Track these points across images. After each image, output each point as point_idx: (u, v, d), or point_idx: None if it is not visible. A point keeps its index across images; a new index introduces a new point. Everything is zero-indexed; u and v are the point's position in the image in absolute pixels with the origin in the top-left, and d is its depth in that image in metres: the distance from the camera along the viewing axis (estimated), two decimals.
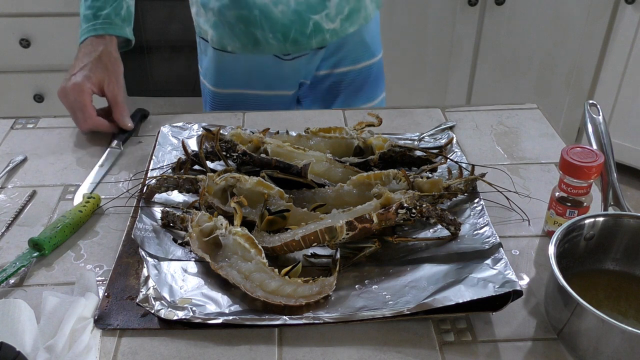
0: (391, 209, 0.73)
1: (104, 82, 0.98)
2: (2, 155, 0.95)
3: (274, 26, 1.12)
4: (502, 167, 0.91)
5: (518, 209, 0.82)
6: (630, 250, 0.70)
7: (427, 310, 0.64)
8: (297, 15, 1.11)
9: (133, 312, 0.67)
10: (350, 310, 0.66)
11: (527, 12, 2.16)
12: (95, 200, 0.83)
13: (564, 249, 0.68)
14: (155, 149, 0.93)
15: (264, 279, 0.68)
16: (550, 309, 0.66)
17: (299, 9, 1.10)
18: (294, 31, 1.12)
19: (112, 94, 0.99)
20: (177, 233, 0.78)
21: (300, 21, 1.12)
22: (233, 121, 1.05)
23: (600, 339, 0.59)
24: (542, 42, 2.22)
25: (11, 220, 0.82)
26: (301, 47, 1.15)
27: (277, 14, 1.10)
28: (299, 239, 0.72)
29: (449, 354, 0.63)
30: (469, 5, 2.14)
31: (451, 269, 0.70)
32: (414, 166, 0.90)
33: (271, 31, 1.12)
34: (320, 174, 0.85)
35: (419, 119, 1.04)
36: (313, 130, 0.92)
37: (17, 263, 0.73)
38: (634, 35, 2.14)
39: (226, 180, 0.79)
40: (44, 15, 2.04)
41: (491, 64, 2.27)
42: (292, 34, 1.13)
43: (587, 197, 0.74)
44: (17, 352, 0.58)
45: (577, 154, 0.72)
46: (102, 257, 0.76)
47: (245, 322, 0.64)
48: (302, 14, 1.11)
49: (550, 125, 1.03)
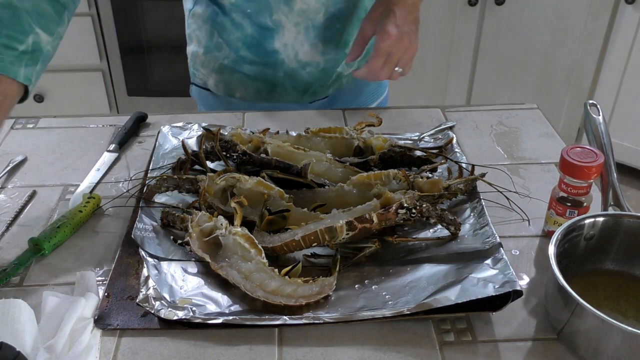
0: (391, 209, 0.73)
1: None
2: (2, 155, 0.95)
3: (297, 84, 1.10)
4: (502, 167, 0.91)
5: (518, 209, 0.82)
6: (630, 251, 0.70)
7: (427, 310, 0.64)
8: (324, 72, 1.10)
9: (133, 312, 0.67)
10: (350, 310, 0.66)
11: (527, 12, 2.16)
12: (95, 201, 0.83)
13: (564, 249, 0.68)
14: (155, 149, 0.93)
15: (264, 279, 0.68)
16: (550, 309, 0.66)
17: (327, 67, 1.09)
18: (316, 85, 1.11)
19: None
20: (177, 233, 0.78)
21: (325, 76, 1.11)
22: (233, 121, 1.05)
23: (600, 339, 0.59)
24: (542, 42, 2.22)
25: (11, 220, 0.82)
26: (318, 96, 1.14)
27: (303, 75, 1.09)
28: (299, 239, 0.72)
29: (449, 354, 0.63)
30: (469, 5, 2.14)
31: (451, 269, 0.70)
32: (414, 166, 0.90)
33: (293, 87, 1.11)
34: (320, 174, 0.85)
35: (419, 119, 1.04)
36: (313, 130, 0.92)
37: (17, 263, 0.73)
38: (634, 35, 2.14)
39: (226, 180, 0.79)
40: None
41: (491, 64, 2.28)
42: (312, 87, 1.11)
43: (587, 197, 0.74)
44: (17, 352, 0.58)
45: (577, 154, 0.72)
46: (102, 257, 0.76)
47: (245, 322, 0.64)
48: (329, 70, 1.10)
49: (550, 125, 1.03)
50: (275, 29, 1.03)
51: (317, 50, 1.06)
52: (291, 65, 1.07)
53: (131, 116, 1.04)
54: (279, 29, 1.03)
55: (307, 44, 1.05)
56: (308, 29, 1.04)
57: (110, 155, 0.95)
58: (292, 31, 1.03)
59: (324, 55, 1.07)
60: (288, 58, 1.06)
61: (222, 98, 1.15)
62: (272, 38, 1.04)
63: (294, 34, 1.04)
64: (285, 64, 1.07)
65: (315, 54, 1.07)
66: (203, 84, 1.16)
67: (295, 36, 1.04)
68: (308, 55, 1.06)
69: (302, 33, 1.04)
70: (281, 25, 1.02)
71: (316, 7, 1.01)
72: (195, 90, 1.20)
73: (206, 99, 1.18)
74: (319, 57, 1.07)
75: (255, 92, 1.12)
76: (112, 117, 1.06)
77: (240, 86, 1.12)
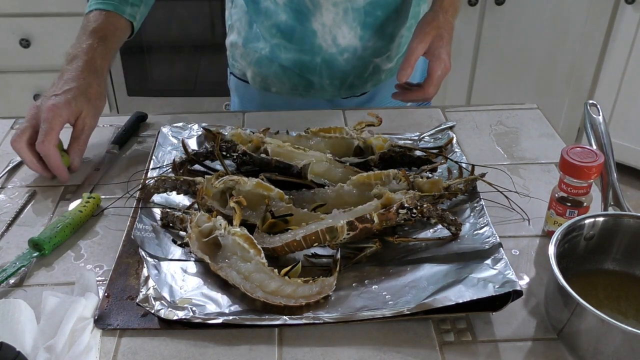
0: (392, 209, 0.73)
1: (81, 114, 0.89)
2: (2, 155, 0.95)
3: (334, 73, 1.09)
4: (502, 167, 0.91)
5: (518, 209, 0.82)
6: (631, 250, 0.70)
7: (427, 310, 0.64)
8: (361, 60, 1.09)
9: (133, 312, 0.67)
10: (350, 310, 0.66)
11: (527, 12, 2.16)
12: (95, 201, 0.83)
13: (564, 249, 0.68)
14: (155, 149, 0.93)
15: (264, 279, 0.68)
16: (550, 309, 0.66)
17: (364, 54, 1.08)
18: (352, 76, 1.10)
19: (83, 127, 0.90)
20: (176, 233, 0.78)
21: (362, 66, 1.10)
22: (233, 121, 1.05)
23: (600, 339, 0.59)
24: (542, 42, 2.22)
25: (11, 220, 0.82)
26: (355, 91, 1.13)
27: (341, 62, 1.08)
28: (299, 239, 0.72)
29: (449, 354, 0.63)
30: (469, 5, 2.14)
31: (451, 269, 0.70)
32: (414, 166, 0.90)
33: (329, 77, 1.09)
34: (320, 174, 0.85)
35: (419, 119, 1.04)
36: (313, 130, 0.92)
37: (17, 263, 0.73)
38: (634, 35, 2.14)
39: (225, 183, 0.79)
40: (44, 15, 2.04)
41: (491, 64, 2.28)
42: (349, 79, 1.10)
43: (587, 197, 0.74)
44: (17, 352, 0.58)
45: (577, 154, 0.72)
46: (102, 257, 0.76)
47: (245, 322, 0.64)
48: (366, 59, 1.09)
49: (550, 125, 1.03)
50: (313, 10, 1.03)
51: (355, 34, 1.06)
52: (329, 50, 1.07)
53: (131, 116, 1.04)
54: (316, 9, 1.03)
55: (346, 26, 1.05)
56: (347, 11, 1.03)
57: (110, 155, 0.95)
58: (330, 11, 1.03)
59: (362, 41, 1.07)
60: (326, 42, 1.06)
61: (258, 92, 1.15)
62: (308, 19, 1.04)
63: (332, 15, 1.03)
64: (323, 48, 1.06)
65: (354, 39, 1.06)
66: (242, 75, 1.17)
67: (334, 17, 1.04)
68: (346, 39, 1.06)
69: (340, 15, 1.04)
70: (319, 4, 1.02)
71: None
72: (233, 81, 1.20)
73: (243, 91, 1.19)
74: (357, 42, 1.07)
75: (291, 87, 1.12)
76: (112, 117, 1.06)
77: (277, 80, 1.12)
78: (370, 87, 1.14)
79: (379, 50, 1.09)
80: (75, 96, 0.88)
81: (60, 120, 0.87)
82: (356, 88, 1.13)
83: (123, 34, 1.00)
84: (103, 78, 0.95)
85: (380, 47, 1.09)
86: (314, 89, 1.12)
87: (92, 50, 0.93)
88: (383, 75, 1.14)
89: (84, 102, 0.89)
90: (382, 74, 1.13)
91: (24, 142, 0.86)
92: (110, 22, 0.97)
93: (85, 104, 0.90)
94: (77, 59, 0.92)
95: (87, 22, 0.97)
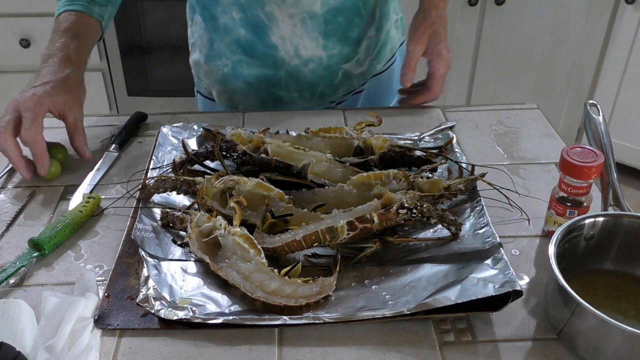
0: (392, 209, 0.73)
1: (65, 105, 0.90)
2: (2, 155, 0.95)
3: (301, 85, 1.07)
4: (502, 167, 0.91)
5: (518, 209, 0.82)
6: (630, 251, 0.70)
7: (427, 310, 0.64)
8: (328, 70, 1.06)
9: (133, 312, 0.67)
10: (350, 310, 0.66)
11: (527, 12, 2.16)
12: (95, 201, 0.83)
13: (564, 249, 0.68)
14: (155, 149, 0.93)
15: (264, 279, 0.68)
16: (550, 309, 0.66)
17: (331, 63, 1.05)
18: (322, 85, 1.07)
19: (73, 118, 0.91)
20: (176, 233, 0.78)
21: (330, 75, 1.07)
22: (233, 121, 1.05)
23: (600, 339, 0.59)
24: (542, 42, 2.22)
25: (11, 220, 0.82)
26: (327, 100, 1.10)
27: (307, 73, 1.05)
28: (299, 239, 0.72)
29: (449, 354, 0.63)
30: (469, 5, 2.14)
31: (451, 269, 0.70)
32: (414, 166, 0.90)
33: (297, 90, 1.07)
34: (320, 174, 0.85)
35: (419, 119, 1.04)
36: (313, 130, 0.92)
37: (17, 263, 0.73)
38: (634, 35, 2.14)
39: (225, 183, 0.79)
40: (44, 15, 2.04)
41: (491, 64, 2.28)
42: (319, 89, 1.07)
43: (587, 197, 0.74)
44: (17, 352, 0.58)
45: (577, 154, 0.72)
46: (102, 257, 0.76)
47: (245, 322, 0.64)
48: (333, 66, 1.06)
49: (550, 125, 1.03)
50: (269, 23, 1.01)
51: (318, 44, 1.03)
52: (292, 62, 1.04)
53: (131, 116, 1.04)
54: (272, 23, 1.01)
55: (306, 37, 1.02)
56: (305, 21, 1.01)
57: (110, 155, 0.95)
58: (287, 23, 1.01)
59: (326, 50, 1.04)
60: (288, 54, 1.04)
61: (226, 109, 1.13)
62: (266, 34, 1.02)
63: (290, 27, 1.01)
64: (286, 61, 1.04)
65: (317, 48, 1.04)
66: (208, 93, 1.15)
67: (292, 29, 1.01)
68: (309, 49, 1.03)
69: (298, 26, 1.01)
70: (274, 17, 1.00)
71: None
72: (201, 100, 1.19)
73: (211, 109, 1.17)
74: (320, 51, 1.04)
75: (259, 102, 1.10)
76: (112, 117, 1.06)
77: (243, 97, 1.10)
78: (342, 92, 1.11)
79: (346, 56, 1.06)
80: (54, 87, 0.89)
81: (42, 108, 0.87)
82: (327, 97, 1.10)
83: (94, 32, 1.00)
84: (81, 71, 0.96)
85: (347, 53, 1.06)
86: (283, 102, 1.10)
87: (66, 47, 0.94)
88: (355, 81, 1.11)
89: (63, 92, 0.90)
90: (353, 79, 1.10)
91: (9, 133, 0.85)
92: (81, 21, 0.98)
93: (66, 94, 0.90)
94: (53, 57, 0.93)
95: (58, 24, 0.98)
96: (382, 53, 1.13)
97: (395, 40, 1.16)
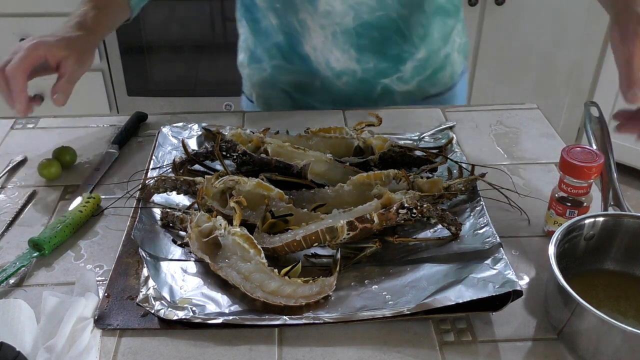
0: (392, 209, 0.73)
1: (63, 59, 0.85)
2: (2, 155, 0.95)
3: (336, 97, 1.05)
4: (502, 167, 0.91)
5: (518, 209, 0.82)
6: (631, 251, 0.70)
7: (427, 310, 0.64)
8: (364, 83, 1.03)
9: (133, 312, 0.67)
10: (350, 310, 0.66)
11: (527, 12, 2.16)
12: (95, 201, 0.83)
13: (564, 249, 0.68)
14: (155, 149, 0.93)
15: (264, 279, 0.68)
16: (550, 309, 0.66)
17: (366, 77, 1.03)
18: (358, 99, 1.05)
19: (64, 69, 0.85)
20: (176, 233, 0.78)
21: (366, 88, 1.04)
22: (233, 121, 1.05)
23: (601, 339, 0.59)
24: (542, 42, 2.22)
25: (11, 220, 0.82)
26: None
27: (340, 86, 1.03)
28: (300, 239, 0.72)
29: (449, 354, 0.63)
30: (469, 5, 2.14)
31: (451, 269, 0.70)
32: (414, 166, 0.90)
33: (332, 102, 1.05)
34: (320, 174, 0.85)
35: (419, 119, 1.04)
36: (313, 130, 0.92)
37: (17, 263, 0.73)
38: None
39: (225, 183, 0.79)
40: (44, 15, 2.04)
41: (491, 64, 2.27)
42: (355, 101, 1.05)
43: (587, 197, 0.74)
44: (17, 352, 0.58)
45: (577, 154, 0.72)
46: (102, 257, 0.76)
47: (245, 322, 0.64)
48: (370, 80, 1.03)
49: (550, 125, 1.03)
50: (302, 32, 1.00)
51: (350, 57, 1.01)
52: (325, 73, 1.03)
53: (131, 116, 1.04)
54: (305, 31, 0.99)
55: (337, 50, 1.00)
56: (336, 34, 0.99)
57: (110, 155, 0.95)
58: (319, 34, 0.99)
59: (360, 64, 1.02)
60: (320, 65, 1.02)
61: None
62: (300, 42, 1.01)
63: (322, 38, 0.99)
64: (320, 72, 1.03)
65: (348, 62, 1.01)
66: (250, 95, 1.16)
67: (324, 40, 0.99)
68: (340, 62, 1.01)
69: (329, 38, 0.99)
70: (307, 26, 0.99)
71: (342, 10, 0.96)
72: (245, 101, 1.19)
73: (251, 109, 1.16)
74: (353, 64, 1.02)
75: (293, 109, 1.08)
76: (112, 117, 1.06)
77: (279, 103, 1.09)
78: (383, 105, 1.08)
79: (383, 71, 1.03)
80: (57, 40, 0.85)
81: (37, 52, 0.83)
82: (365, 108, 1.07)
83: (120, 9, 0.96)
84: (96, 37, 0.92)
85: (384, 69, 1.03)
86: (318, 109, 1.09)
87: (85, 15, 0.91)
88: (399, 98, 1.08)
89: (65, 48, 0.85)
90: (396, 95, 1.07)
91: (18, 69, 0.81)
92: None
93: (68, 50, 0.85)
94: (69, 21, 0.90)
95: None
96: (438, 76, 1.09)
97: (457, 65, 1.12)
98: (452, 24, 1.07)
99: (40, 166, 0.89)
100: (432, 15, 1.02)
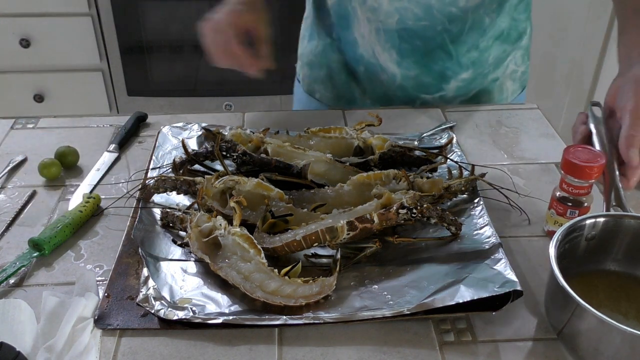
0: (392, 209, 0.73)
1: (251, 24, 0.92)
2: (2, 155, 0.95)
3: (375, 91, 1.05)
4: (502, 167, 0.91)
5: (518, 209, 0.82)
6: (631, 251, 0.70)
7: (427, 310, 0.64)
8: (402, 90, 1.03)
9: (133, 312, 0.67)
10: (350, 310, 0.66)
11: None
12: (95, 200, 0.83)
13: (565, 249, 0.67)
14: (155, 149, 0.93)
15: (264, 279, 0.68)
16: (550, 309, 0.66)
17: (405, 85, 1.02)
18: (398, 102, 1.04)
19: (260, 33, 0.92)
20: (176, 233, 0.78)
21: (405, 97, 1.03)
22: (233, 121, 1.05)
23: (601, 340, 0.59)
24: (542, 42, 2.21)
25: (11, 220, 0.82)
26: None
27: (381, 80, 1.03)
28: (300, 239, 0.72)
29: (449, 354, 0.63)
30: None
31: (451, 269, 0.70)
32: (414, 166, 0.90)
33: (371, 97, 1.05)
34: (320, 174, 0.85)
35: (419, 119, 1.04)
36: (313, 130, 0.92)
37: (17, 263, 0.73)
38: None
39: (225, 183, 0.79)
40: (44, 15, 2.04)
41: None
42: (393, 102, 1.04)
43: (588, 197, 0.74)
44: (17, 352, 0.58)
45: (579, 154, 0.72)
46: (102, 257, 0.76)
47: (245, 322, 0.64)
48: (409, 90, 1.03)
49: (550, 125, 1.03)
50: (353, 18, 1.01)
51: (391, 58, 1.01)
52: (371, 60, 1.03)
53: (131, 116, 1.04)
54: (355, 18, 1.01)
55: (379, 46, 1.01)
56: (379, 31, 0.99)
57: (110, 155, 0.95)
58: (365, 25, 1.00)
59: (401, 69, 1.01)
60: (366, 52, 1.03)
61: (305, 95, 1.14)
62: (350, 27, 1.02)
63: (368, 29, 1.00)
64: (364, 57, 1.04)
65: (389, 62, 1.01)
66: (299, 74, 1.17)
67: (369, 32, 1.01)
68: (381, 57, 1.01)
69: (373, 32, 1.00)
70: (357, 14, 1.00)
71: (388, 10, 0.96)
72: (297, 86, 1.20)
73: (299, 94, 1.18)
74: (394, 67, 1.01)
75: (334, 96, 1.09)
76: (112, 117, 1.06)
77: (322, 86, 1.10)
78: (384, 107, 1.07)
79: (426, 86, 1.02)
80: None
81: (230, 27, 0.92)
82: None
83: None
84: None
85: (427, 84, 1.02)
86: (356, 104, 1.09)
87: None
88: None
89: None
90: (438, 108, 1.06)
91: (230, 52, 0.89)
92: None
93: None
94: None
95: None
96: (481, 99, 1.08)
97: (507, 92, 1.11)
98: (510, 50, 1.07)
99: (40, 166, 0.89)
100: (489, 39, 1.01)
